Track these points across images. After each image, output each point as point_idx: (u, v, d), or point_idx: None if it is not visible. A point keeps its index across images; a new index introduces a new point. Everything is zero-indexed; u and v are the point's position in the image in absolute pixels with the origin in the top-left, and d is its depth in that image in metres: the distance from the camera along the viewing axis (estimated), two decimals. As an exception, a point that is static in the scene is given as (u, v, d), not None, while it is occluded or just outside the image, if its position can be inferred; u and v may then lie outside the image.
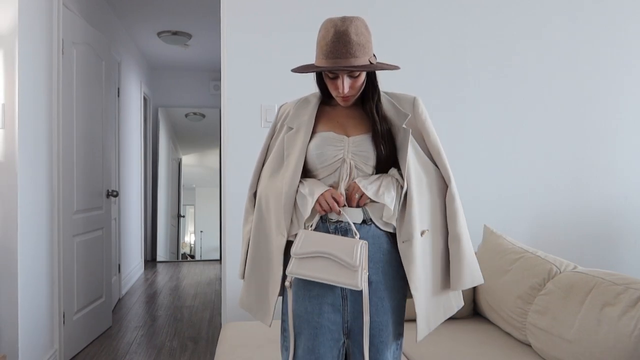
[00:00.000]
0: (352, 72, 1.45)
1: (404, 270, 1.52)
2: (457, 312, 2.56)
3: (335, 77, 1.47)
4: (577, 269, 2.14)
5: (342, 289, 1.45)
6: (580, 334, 1.85)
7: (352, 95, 1.51)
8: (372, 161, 1.50)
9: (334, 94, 1.52)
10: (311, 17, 3.04)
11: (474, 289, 2.63)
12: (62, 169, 3.14)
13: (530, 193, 3.22)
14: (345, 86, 1.46)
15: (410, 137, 1.49)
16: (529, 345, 2.19)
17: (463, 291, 2.57)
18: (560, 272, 2.16)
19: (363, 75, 1.49)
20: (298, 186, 1.49)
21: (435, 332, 2.32)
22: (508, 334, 2.35)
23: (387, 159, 1.50)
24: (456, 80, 3.15)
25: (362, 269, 1.35)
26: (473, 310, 2.66)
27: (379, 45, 3.03)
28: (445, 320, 2.66)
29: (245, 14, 2.96)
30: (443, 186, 1.54)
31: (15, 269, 2.61)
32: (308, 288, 1.47)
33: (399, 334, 1.53)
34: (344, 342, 1.47)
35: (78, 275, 3.38)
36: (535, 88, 3.22)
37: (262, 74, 2.95)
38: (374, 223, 1.48)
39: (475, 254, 2.74)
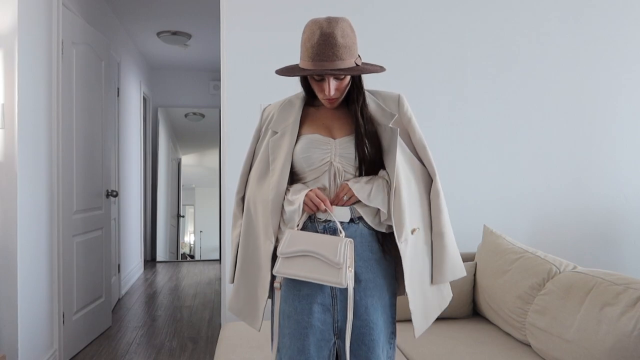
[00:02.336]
0: (338, 75, 1.44)
1: (392, 269, 1.54)
2: (456, 312, 2.59)
3: (322, 80, 1.46)
4: (576, 269, 2.14)
5: (332, 288, 1.45)
6: (580, 334, 1.85)
7: (338, 98, 1.51)
8: (358, 162, 1.50)
9: (320, 96, 1.51)
10: (311, 17, 3.04)
11: (474, 289, 2.63)
12: (61, 169, 3.14)
13: (530, 193, 3.22)
14: (332, 88, 1.45)
15: (398, 137, 1.49)
16: (529, 345, 2.19)
17: (463, 290, 2.58)
18: (559, 272, 2.17)
19: (349, 76, 1.48)
20: (285, 193, 1.49)
21: (434, 331, 2.33)
22: (507, 333, 2.35)
23: (373, 160, 1.50)
24: (457, 80, 3.15)
25: (346, 267, 1.34)
26: (473, 310, 2.66)
27: (379, 45, 3.04)
28: (445, 320, 2.66)
29: (245, 13, 2.96)
30: (429, 182, 1.56)
31: (14, 269, 2.61)
32: (298, 288, 1.46)
33: (391, 333, 1.53)
34: (335, 342, 1.46)
35: (78, 275, 3.38)
36: (535, 88, 3.23)
37: (262, 74, 2.95)
38: (362, 222, 1.49)
39: (475, 254, 2.77)
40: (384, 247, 1.51)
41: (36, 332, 2.84)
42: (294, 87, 1.67)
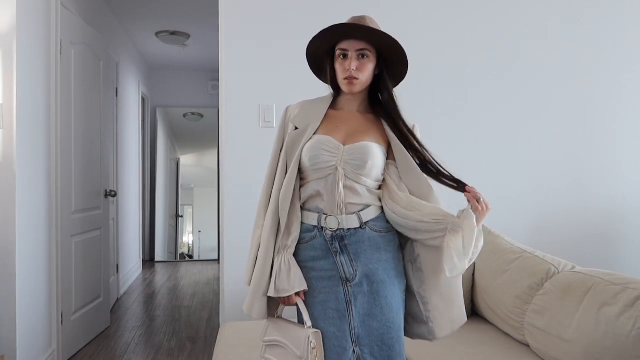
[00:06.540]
0: (362, 51, 1.51)
1: (402, 267, 1.58)
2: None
3: (346, 57, 1.53)
4: (575, 269, 2.14)
5: (345, 293, 1.49)
6: (579, 334, 1.85)
7: (358, 80, 1.53)
8: (362, 170, 1.51)
9: (342, 76, 1.54)
10: (310, 17, 3.04)
11: (472, 288, 2.63)
12: (60, 169, 3.13)
13: (530, 193, 3.22)
14: (353, 64, 1.51)
15: None
16: (527, 345, 2.19)
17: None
18: (558, 272, 2.17)
19: (372, 62, 1.54)
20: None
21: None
22: (506, 333, 2.35)
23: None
24: (457, 80, 3.15)
25: (309, 357, 1.43)
26: (471, 310, 2.66)
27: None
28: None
29: (244, 14, 2.96)
30: None
31: (13, 269, 2.61)
32: (313, 295, 1.50)
33: (402, 328, 1.56)
34: (354, 350, 1.48)
35: (76, 275, 3.38)
36: (535, 88, 3.22)
37: (261, 74, 2.95)
38: (369, 226, 1.52)
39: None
40: (391, 247, 1.55)
41: (35, 332, 2.83)
42: (294, 86, 1.68)
